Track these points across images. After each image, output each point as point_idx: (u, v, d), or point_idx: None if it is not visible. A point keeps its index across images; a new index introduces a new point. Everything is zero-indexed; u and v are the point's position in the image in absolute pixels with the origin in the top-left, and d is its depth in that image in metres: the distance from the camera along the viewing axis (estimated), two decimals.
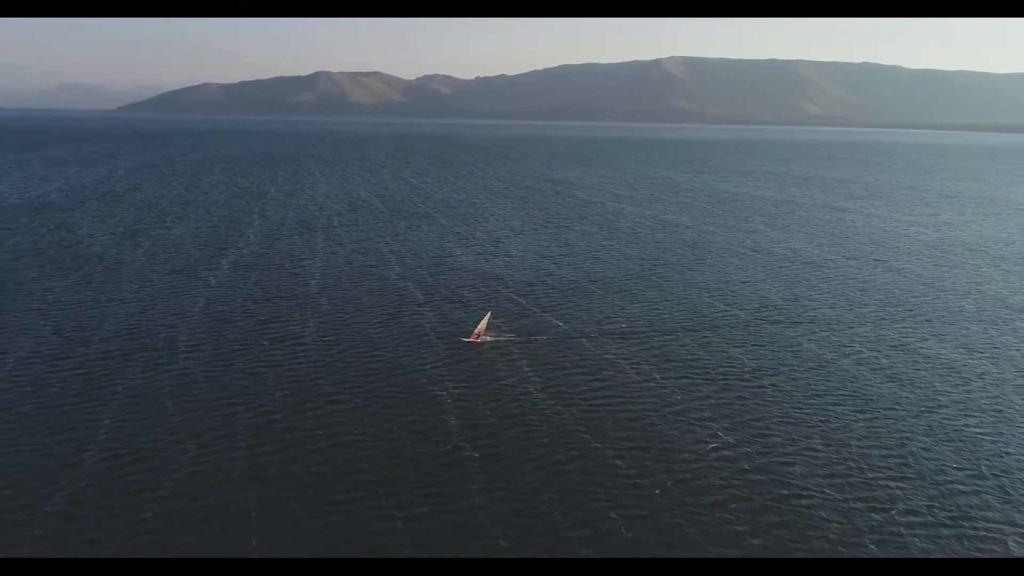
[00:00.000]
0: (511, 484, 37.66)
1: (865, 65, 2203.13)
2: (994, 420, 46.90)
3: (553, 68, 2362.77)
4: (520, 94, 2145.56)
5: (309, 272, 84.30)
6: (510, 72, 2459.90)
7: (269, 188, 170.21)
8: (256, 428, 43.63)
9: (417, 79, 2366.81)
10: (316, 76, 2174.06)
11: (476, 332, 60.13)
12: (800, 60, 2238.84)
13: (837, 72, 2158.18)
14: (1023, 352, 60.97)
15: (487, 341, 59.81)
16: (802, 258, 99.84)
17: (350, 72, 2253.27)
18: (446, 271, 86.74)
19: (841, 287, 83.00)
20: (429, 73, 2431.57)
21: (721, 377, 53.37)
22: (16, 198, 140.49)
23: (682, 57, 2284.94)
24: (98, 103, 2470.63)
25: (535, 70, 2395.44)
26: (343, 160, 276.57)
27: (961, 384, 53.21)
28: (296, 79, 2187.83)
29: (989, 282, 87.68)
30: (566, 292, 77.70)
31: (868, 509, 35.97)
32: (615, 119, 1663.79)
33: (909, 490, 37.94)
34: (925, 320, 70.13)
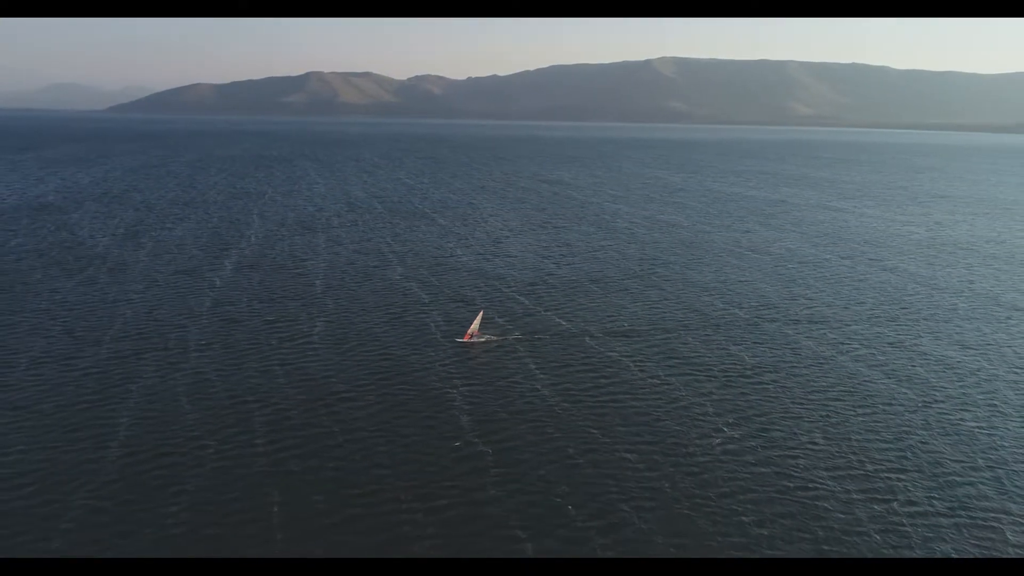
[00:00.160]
0: (524, 477, 38.82)
1: (854, 66, 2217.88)
2: (989, 414, 48.47)
3: (545, 68, 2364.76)
4: (512, 94, 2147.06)
5: (312, 273, 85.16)
6: (502, 73, 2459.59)
7: (266, 189, 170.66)
8: (272, 425, 44.59)
9: (409, 79, 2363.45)
10: (307, 76, 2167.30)
11: (469, 332, 60.69)
12: (790, 61, 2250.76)
13: (826, 73, 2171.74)
14: (1015, 349, 62.72)
15: (480, 341, 60.36)
16: (797, 257, 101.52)
17: (341, 72, 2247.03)
18: (448, 271, 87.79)
19: (837, 286, 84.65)
20: (421, 73, 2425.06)
21: (723, 374, 54.73)
22: (15, 199, 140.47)
23: (673, 58, 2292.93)
24: (88, 104, 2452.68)
25: (527, 70, 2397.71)
26: (338, 161, 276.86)
27: (956, 380, 54.80)
28: (287, 79, 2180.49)
29: (981, 280, 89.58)
30: (567, 291, 78.93)
31: (869, 500, 37.33)
32: (607, 119, 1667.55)
33: (908, 482, 39.35)
34: (919, 318, 71.81)
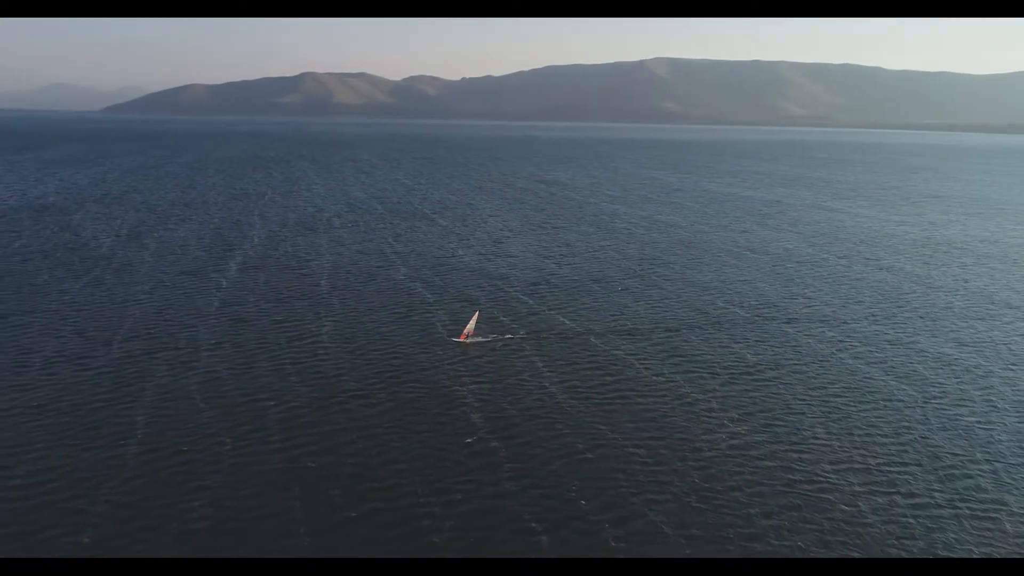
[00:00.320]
0: (537, 472, 39.85)
1: (847, 66, 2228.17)
2: (985, 409, 49.78)
3: (539, 69, 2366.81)
4: (507, 95, 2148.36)
5: (317, 273, 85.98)
6: (496, 73, 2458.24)
7: (266, 190, 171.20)
8: (286, 422, 45.46)
9: (403, 80, 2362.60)
10: (302, 77, 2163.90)
11: (465, 332, 61.20)
12: (782, 61, 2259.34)
13: (819, 73, 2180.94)
14: (1010, 346, 64.13)
15: (475, 342, 60.84)
16: (795, 257, 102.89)
17: (336, 73, 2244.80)
18: (451, 271, 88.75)
19: (835, 285, 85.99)
20: (415, 74, 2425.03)
21: (726, 371, 55.89)
22: (15, 200, 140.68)
23: (667, 58, 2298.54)
24: (83, 104, 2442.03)
25: (521, 71, 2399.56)
26: (335, 161, 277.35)
27: (953, 376, 56.11)
28: (282, 80, 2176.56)
29: (976, 279, 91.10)
30: (570, 291, 79.99)
31: (871, 492, 38.49)
32: (601, 120, 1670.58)
33: (908, 475, 40.54)
34: (916, 316, 73.17)
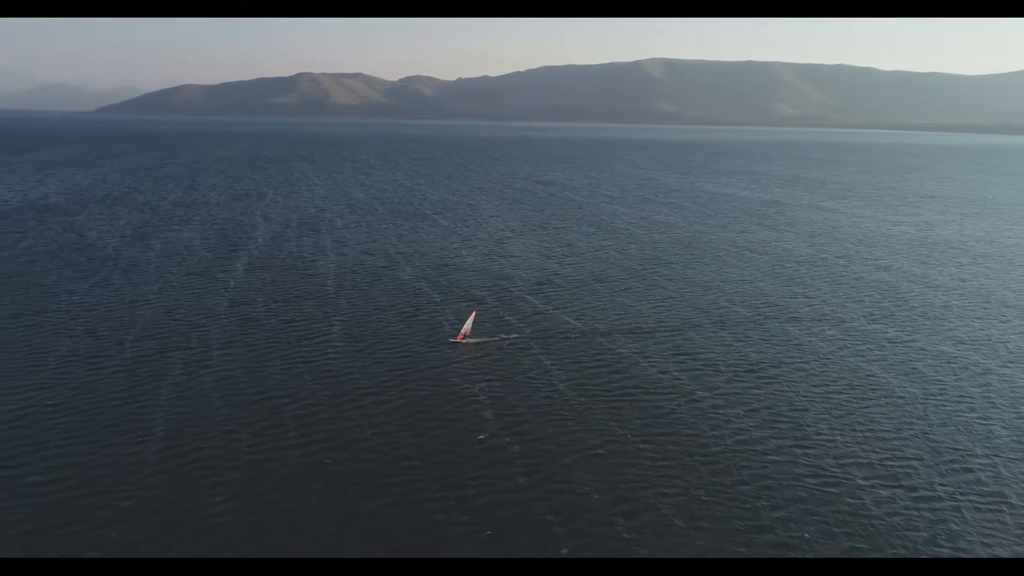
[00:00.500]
0: (549, 467, 40.86)
1: (840, 67, 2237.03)
2: (984, 405, 51.05)
3: (534, 69, 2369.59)
4: (502, 95, 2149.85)
5: (323, 273, 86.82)
6: (492, 74, 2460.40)
7: (267, 191, 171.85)
8: (301, 419, 46.35)
9: (399, 80, 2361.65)
10: (298, 77, 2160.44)
11: (462, 332, 61.67)
12: (776, 62, 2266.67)
13: (812, 74, 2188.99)
14: (1007, 344, 65.48)
15: (472, 342, 61.21)
16: (794, 257, 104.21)
17: (332, 73, 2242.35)
18: (455, 271, 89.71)
19: (834, 284, 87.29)
20: (411, 74, 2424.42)
21: (730, 369, 57.03)
22: (17, 201, 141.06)
23: (662, 59, 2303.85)
24: (78, 104, 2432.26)
25: (517, 71, 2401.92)
26: (333, 162, 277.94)
27: (952, 373, 57.38)
28: (278, 80, 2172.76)
29: (972, 279, 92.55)
30: (573, 291, 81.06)
31: (874, 486, 39.64)
32: (597, 120, 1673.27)
33: (910, 469, 41.72)
34: (914, 315, 74.49)
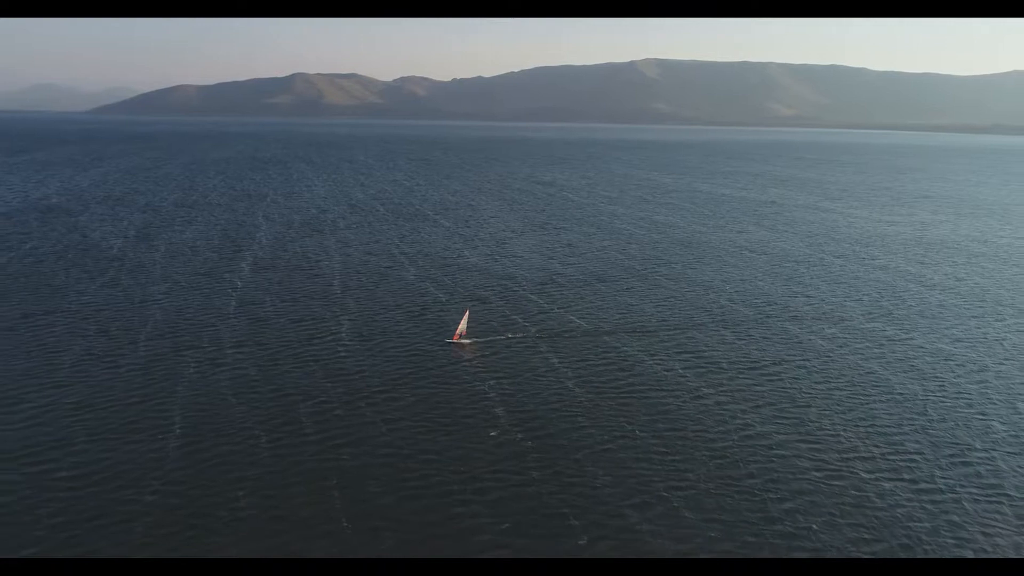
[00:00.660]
0: (561, 461, 41.98)
1: (833, 67, 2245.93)
2: (981, 401, 52.46)
3: (529, 70, 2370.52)
4: (497, 96, 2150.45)
5: (329, 274, 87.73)
6: (487, 74, 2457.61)
7: (267, 191, 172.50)
8: (317, 416, 47.33)
9: (394, 80, 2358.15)
10: (293, 78, 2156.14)
11: (458, 332, 62.31)
12: (770, 63, 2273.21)
13: (806, 74, 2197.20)
14: (1003, 342, 66.97)
15: (468, 342, 61.85)
16: (792, 257, 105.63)
17: (327, 74, 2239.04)
18: (459, 271, 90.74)
19: (833, 284, 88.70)
20: (406, 75, 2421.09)
21: (733, 367, 58.28)
22: (19, 202, 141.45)
23: (656, 59, 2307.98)
24: (70, 105, 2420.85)
25: (512, 72, 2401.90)
26: (332, 162, 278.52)
27: (950, 371, 58.78)
28: (273, 80, 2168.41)
29: (968, 278, 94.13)
30: (577, 290, 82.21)
31: (876, 479, 40.91)
32: (592, 120, 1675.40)
33: (911, 462, 43.04)
34: (912, 313, 75.94)
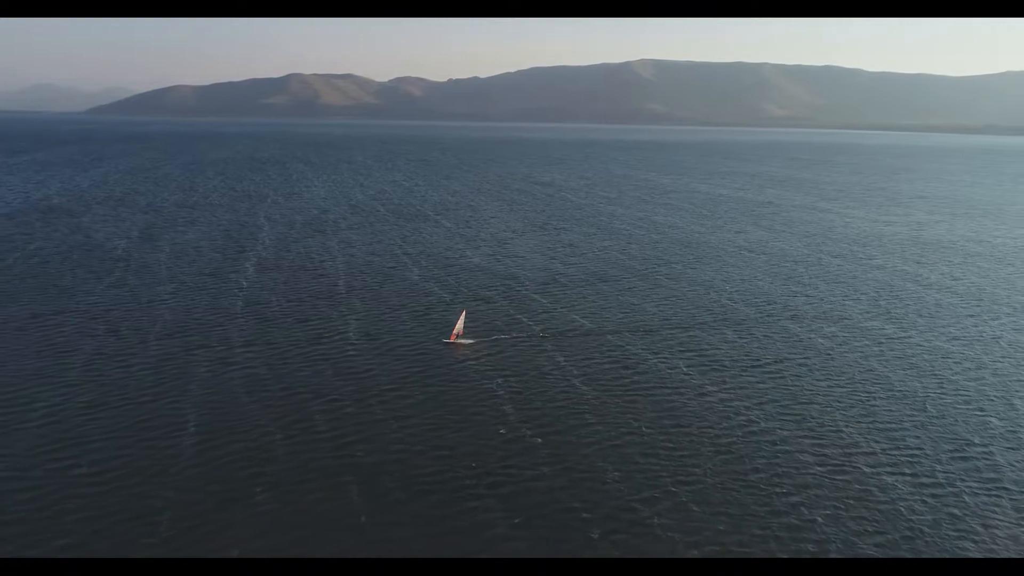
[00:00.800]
0: (571, 457, 42.87)
1: (827, 68, 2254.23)
2: (979, 398, 53.63)
3: (524, 71, 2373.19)
4: (492, 96, 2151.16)
5: (333, 274, 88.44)
6: (482, 75, 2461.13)
7: (267, 192, 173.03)
8: (329, 414, 48.07)
9: (389, 81, 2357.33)
10: (289, 78, 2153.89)
11: (455, 332, 62.78)
12: (765, 63, 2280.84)
13: (800, 74, 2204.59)
14: (999, 340, 68.20)
15: (464, 342, 62.33)
16: (791, 257, 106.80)
17: (322, 74, 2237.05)
18: (463, 271, 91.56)
19: (832, 284, 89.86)
20: (401, 75, 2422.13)
21: (736, 365, 59.29)
22: (20, 202, 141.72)
23: (651, 60, 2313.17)
24: (68, 105, 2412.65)
25: (507, 72, 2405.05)
26: (330, 163, 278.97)
27: (948, 368, 59.92)
28: (269, 81, 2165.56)
29: (964, 277, 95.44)
30: (579, 290, 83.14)
31: (878, 473, 41.93)
32: (587, 121, 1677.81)
33: (911, 457, 44.09)
34: (910, 312, 77.12)
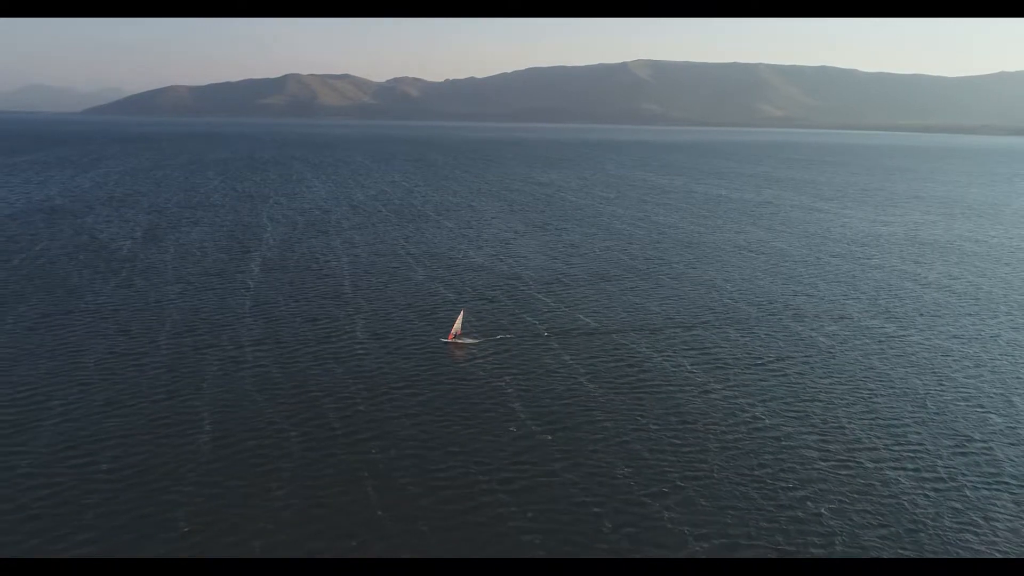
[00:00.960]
0: (580, 453, 43.76)
1: (823, 68, 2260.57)
2: (978, 395, 54.70)
3: (522, 71, 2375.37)
4: (489, 96, 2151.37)
5: (338, 274, 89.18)
6: (479, 75, 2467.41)
7: (268, 192, 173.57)
8: (342, 412, 48.85)
9: (387, 81, 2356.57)
10: (285, 79, 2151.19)
11: (453, 332, 63.34)
12: (760, 63, 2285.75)
13: (796, 75, 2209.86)
14: (997, 338, 69.31)
15: (462, 342, 62.93)
16: (791, 257, 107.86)
17: (320, 74, 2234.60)
18: (467, 271, 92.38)
19: (832, 283, 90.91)
20: (398, 76, 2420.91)
21: (739, 363, 60.24)
22: (23, 203, 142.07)
23: (648, 60, 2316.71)
24: (63, 106, 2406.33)
25: (504, 73, 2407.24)
26: (329, 163, 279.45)
27: (947, 366, 60.98)
28: (266, 81, 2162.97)
29: (962, 276, 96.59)
30: (581, 289, 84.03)
31: (879, 468, 42.91)
32: (584, 121, 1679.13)
33: (912, 452, 45.10)
34: (909, 311, 78.18)
